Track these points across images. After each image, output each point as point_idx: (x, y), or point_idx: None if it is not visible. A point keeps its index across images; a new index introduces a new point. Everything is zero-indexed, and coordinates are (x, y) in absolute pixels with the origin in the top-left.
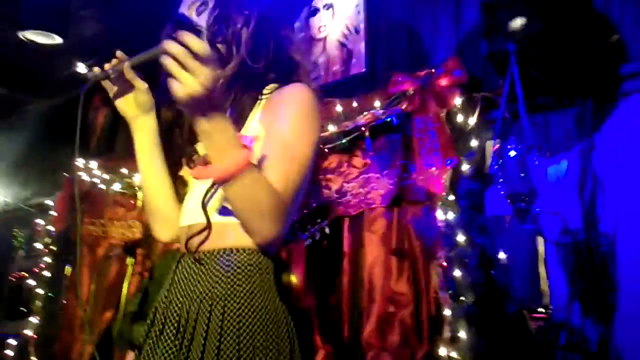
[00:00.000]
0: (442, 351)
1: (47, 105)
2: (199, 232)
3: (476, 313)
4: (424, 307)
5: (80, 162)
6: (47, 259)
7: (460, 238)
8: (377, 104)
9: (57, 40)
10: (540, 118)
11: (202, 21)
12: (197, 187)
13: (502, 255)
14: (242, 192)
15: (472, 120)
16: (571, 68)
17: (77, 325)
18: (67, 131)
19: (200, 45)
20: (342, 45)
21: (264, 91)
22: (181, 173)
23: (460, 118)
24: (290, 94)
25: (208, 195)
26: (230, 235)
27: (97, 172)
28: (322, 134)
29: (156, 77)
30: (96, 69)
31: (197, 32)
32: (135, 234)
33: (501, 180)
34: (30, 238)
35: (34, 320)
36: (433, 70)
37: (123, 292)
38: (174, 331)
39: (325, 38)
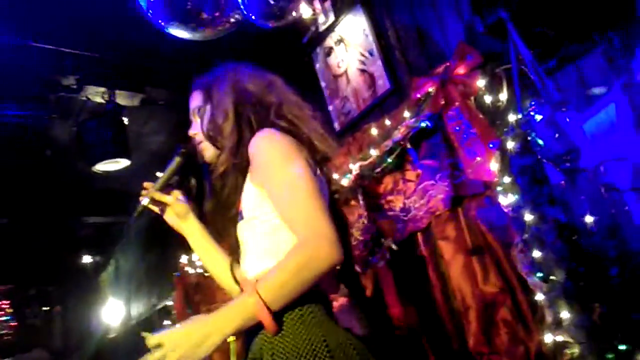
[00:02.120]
0: (549, 337)
1: (140, 221)
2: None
3: (574, 288)
4: (521, 299)
5: (184, 258)
6: None
7: (529, 217)
8: (406, 114)
9: (125, 162)
10: (572, 68)
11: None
12: (242, 256)
13: (588, 218)
14: (283, 296)
15: (503, 96)
16: (575, 8)
17: None
18: (165, 237)
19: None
20: (363, 71)
21: None
22: None
23: (489, 99)
24: (253, 148)
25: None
26: None
27: (200, 262)
28: (368, 161)
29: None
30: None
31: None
32: None
33: (539, 146)
34: None
35: None
36: (447, 64)
37: None
38: None
39: (346, 71)
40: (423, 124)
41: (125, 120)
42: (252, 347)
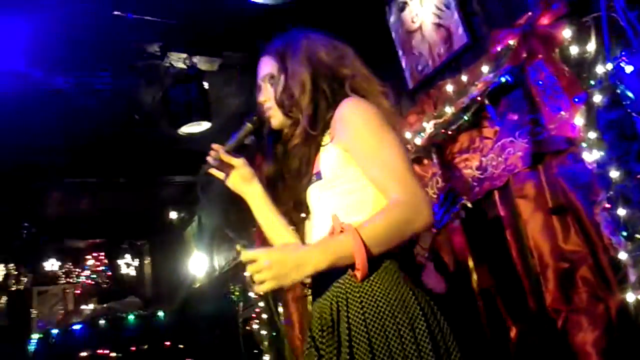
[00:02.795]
0: (631, 297)
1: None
2: None
3: None
4: (602, 258)
5: None
6: (261, 304)
7: (615, 174)
8: (485, 69)
9: (207, 125)
10: None
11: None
12: (314, 217)
13: None
14: (380, 244)
15: (591, 47)
16: None
17: (300, 353)
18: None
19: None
20: (439, 25)
21: None
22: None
23: (575, 50)
24: (343, 112)
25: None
26: None
27: None
28: (442, 119)
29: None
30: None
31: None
32: None
33: (629, 99)
34: (243, 290)
35: (266, 358)
36: (530, 13)
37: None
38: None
39: (420, 27)
40: (503, 79)
41: (206, 84)
42: (328, 293)
